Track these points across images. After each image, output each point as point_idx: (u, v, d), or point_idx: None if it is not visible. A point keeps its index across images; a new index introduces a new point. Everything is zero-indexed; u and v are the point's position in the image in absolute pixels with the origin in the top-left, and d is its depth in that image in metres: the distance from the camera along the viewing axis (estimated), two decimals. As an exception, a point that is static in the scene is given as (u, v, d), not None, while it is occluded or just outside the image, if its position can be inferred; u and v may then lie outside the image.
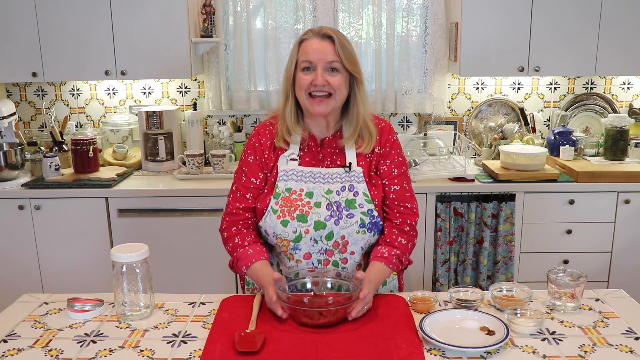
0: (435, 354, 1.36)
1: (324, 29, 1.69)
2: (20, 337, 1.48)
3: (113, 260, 1.54)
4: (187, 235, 2.96)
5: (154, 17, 3.00)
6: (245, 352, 1.35)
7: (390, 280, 1.85)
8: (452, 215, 2.96)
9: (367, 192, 1.70)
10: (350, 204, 1.68)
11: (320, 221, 1.66)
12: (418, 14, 3.32)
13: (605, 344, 1.40)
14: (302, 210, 1.67)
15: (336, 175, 1.71)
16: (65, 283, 2.98)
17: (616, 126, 3.12)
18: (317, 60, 1.65)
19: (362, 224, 1.68)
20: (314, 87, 1.65)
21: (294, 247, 1.69)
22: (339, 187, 1.69)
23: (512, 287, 1.64)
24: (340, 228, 1.67)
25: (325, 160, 1.74)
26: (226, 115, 3.49)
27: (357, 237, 1.69)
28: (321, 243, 1.68)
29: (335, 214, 1.67)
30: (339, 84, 1.66)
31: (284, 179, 1.70)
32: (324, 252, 1.69)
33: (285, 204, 1.67)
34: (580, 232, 2.98)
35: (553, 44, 3.05)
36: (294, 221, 1.66)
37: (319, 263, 1.69)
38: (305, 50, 1.66)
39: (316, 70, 1.65)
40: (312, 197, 1.68)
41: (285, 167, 1.71)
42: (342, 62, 1.65)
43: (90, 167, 3.10)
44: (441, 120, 3.44)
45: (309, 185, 1.69)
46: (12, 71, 3.07)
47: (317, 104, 1.66)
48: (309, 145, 1.75)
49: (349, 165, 1.71)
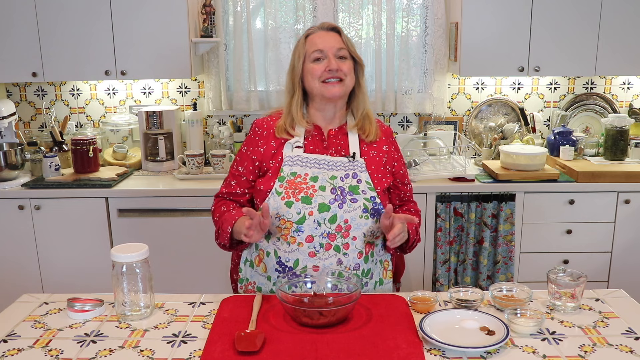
0: (435, 354, 1.36)
1: (326, 23, 1.81)
2: (20, 337, 1.48)
3: (113, 260, 1.54)
4: (187, 235, 2.96)
5: (154, 17, 3.00)
6: (245, 352, 1.34)
7: (387, 283, 1.86)
8: (452, 215, 2.96)
9: (369, 181, 1.75)
10: (354, 189, 1.72)
11: (324, 204, 1.69)
12: (418, 14, 3.32)
13: (605, 344, 1.40)
14: (306, 192, 1.70)
15: (340, 163, 1.76)
16: (65, 283, 2.98)
17: (616, 126, 3.12)
18: (327, 48, 1.74)
19: (365, 209, 1.71)
20: (329, 73, 1.73)
21: (296, 229, 1.69)
22: (343, 174, 1.74)
23: (512, 287, 1.64)
24: (343, 212, 1.69)
25: (330, 149, 1.79)
26: (226, 115, 3.49)
27: (359, 222, 1.70)
28: (324, 226, 1.69)
29: (339, 197, 1.70)
30: (349, 69, 1.76)
31: (289, 164, 1.74)
32: (326, 236, 1.69)
33: (290, 187, 1.71)
34: (580, 232, 2.98)
35: (553, 44, 3.05)
36: (299, 202, 1.68)
37: (320, 247, 1.69)
38: (314, 41, 1.76)
39: (328, 58, 1.73)
40: (317, 181, 1.72)
41: (291, 154, 1.75)
42: (349, 49, 1.76)
43: (90, 167, 3.10)
44: (441, 120, 3.44)
45: (313, 171, 1.73)
46: (12, 71, 3.07)
47: (332, 86, 1.74)
48: (313, 135, 1.80)
49: (353, 155, 1.77)
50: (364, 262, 1.74)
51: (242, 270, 1.84)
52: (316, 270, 1.67)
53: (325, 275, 1.64)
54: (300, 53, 1.77)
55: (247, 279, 1.83)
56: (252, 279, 1.82)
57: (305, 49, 1.76)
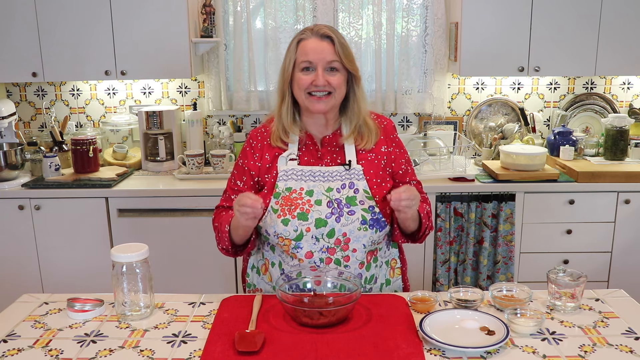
0: (435, 354, 1.36)
1: (322, 28, 1.69)
2: (20, 337, 1.48)
3: (113, 260, 1.54)
4: (187, 235, 2.96)
5: (154, 17, 3.00)
6: (245, 352, 1.34)
7: (395, 280, 1.85)
8: (452, 215, 2.96)
9: (367, 189, 1.70)
10: (351, 201, 1.68)
11: (321, 219, 1.66)
12: (418, 14, 3.32)
13: (605, 344, 1.40)
14: (302, 208, 1.66)
15: (336, 173, 1.71)
16: (65, 283, 2.98)
17: (616, 126, 3.12)
18: (317, 61, 1.66)
19: (364, 220, 1.67)
20: (315, 87, 1.66)
21: (295, 245, 1.67)
22: (339, 185, 1.70)
23: (512, 287, 1.64)
24: (341, 225, 1.66)
25: (325, 158, 1.74)
26: (226, 115, 3.49)
27: (358, 234, 1.68)
28: (323, 241, 1.67)
29: (336, 211, 1.67)
30: (339, 83, 1.68)
31: (284, 179, 1.70)
32: (325, 251, 1.67)
33: (286, 203, 1.67)
34: (580, 232, 2.98)
35: (553, 44, 3.05)
36: (295, 220, 1.65)
37: (321, 262, 1.68)
38: (304, 50, 1.67)
39: (316, 71, 1.66)
40: (313, 195, 1.68)
41: (285, 167, 1.71)
42: (342, 61, 1.67)
43: (90, 167, 3.10)
44: (441, 120, 3.44)
45: (309, 184, 1.69)
46: (12, 71, 3.07)
47: (317, 101, 1.67)
48: (306, 145, 1.75)
49: (349, 163, 1.72)
50: (365, 270, 1.73)
51: (249, 275, 1.85)
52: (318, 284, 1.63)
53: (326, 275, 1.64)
54: (291, 58, 1.69)
55: (254, 284, 1.84)
56: (258, 286, 1.82)
57: (296, 56, 1.68)
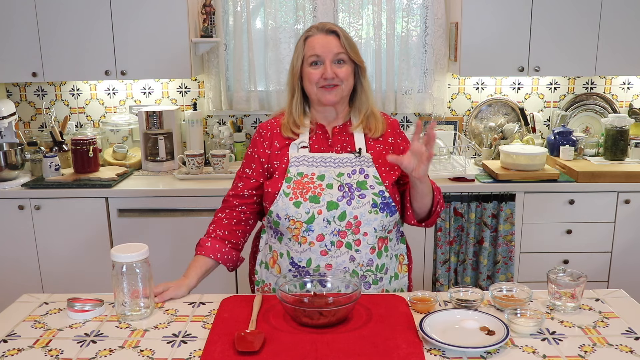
0: (435, 354, 1.36)
1: (327, 24, 1.78)
2: (20, 337, 1.48)
3: (113, 260, 1.54)
4: (187, 235, 2.95)
5: (154, 17, 3.00)
6: (245, 352, 1.34)
7: (402, 277, 1.86)
8: (452, 215, 2.96)
9: (377, 175, 1.75)
10: (362, 185, 1.72)
11: (332, 201, 1.69)
12: (418, 14, 3.32)
13: (605, 344, 1.40)
14: (314, 192, 1.70)
15: (346, 160, 1.76)
16: (65, 283, 2.98)
17: (616, 126, 3.12)
18: (324, 54, 1.73)
19: (374, 204, 1.71)
20: (324, 80, 1.73)
21: (306, 228, 1.69)
22: (350, 171, 1.75)
23: (512, 287, 1.63)
24: (352, 208, 1.69)
25: (335, 146, 1.80)
26: (226, 115, 3.49)
27: (369, 218, 1.70)
28: (334, 224, 1.69)
29: (347, 194, 1.70)
30: (347, 74, 1.75)
31: (295, 165, 1.75)
32: (336, 234, 1.69)
33: (297, 187, 1.71)
34: (580, 232, 2.98)
35: (553, 44, 3.05)
36: (307, 202, 1.69)
37: (332, 245, 1.69)
38: (312, 45, 1.75)
39: (324, 64, 1.74)
40: (324, 179, 1.72)
41: (297, 154, 1.77)
42: (348, 53, 1.76)
43: (90, 167, 3.10)
44: (441, 120, 3.44)
45: (320, 169, 1.74)
46: (12, 71, 3.07)
47: (328, 92, 1.75)
48: (317, 134, 1.81)
49: (359, 151, 1.77)
50: (377, 257, 1.74)
51: (257, 272, 1.86)
52: (329, 268, 1.68)
53: (334, 276, 1.64)
54: (299, 55, 1.77)
55: (262, 280, 1.84)
56: (267, 281, 1.83)
57: (304, 52, 1.76)
